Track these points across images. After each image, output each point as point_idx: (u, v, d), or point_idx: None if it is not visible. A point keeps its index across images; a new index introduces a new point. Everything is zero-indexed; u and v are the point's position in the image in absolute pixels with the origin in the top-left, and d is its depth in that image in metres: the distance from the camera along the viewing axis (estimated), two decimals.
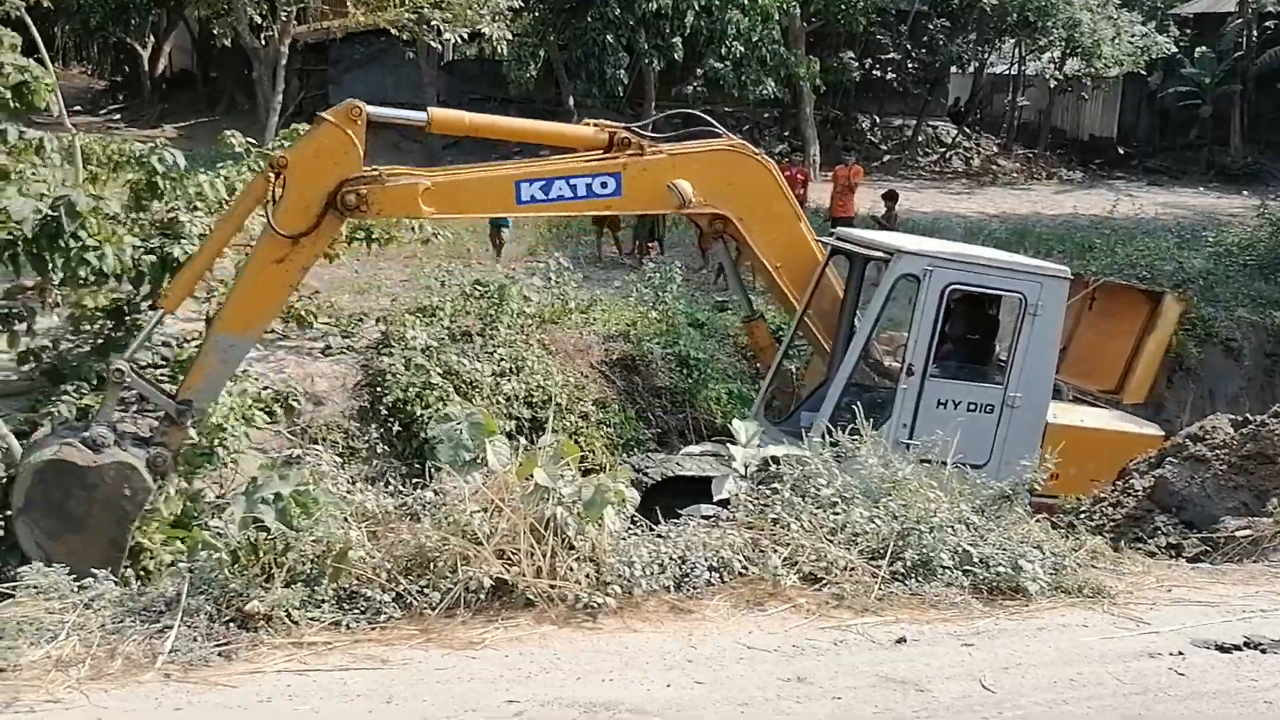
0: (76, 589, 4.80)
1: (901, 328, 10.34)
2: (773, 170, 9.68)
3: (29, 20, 12.55)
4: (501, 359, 12.94)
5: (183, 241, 9.13)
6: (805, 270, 10.12)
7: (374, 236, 12.78)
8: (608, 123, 9.45)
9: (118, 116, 32.32)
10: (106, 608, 4.63)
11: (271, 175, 8.08)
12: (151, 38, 33.60)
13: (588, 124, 9.49)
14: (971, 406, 8.93)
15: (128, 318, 9.59)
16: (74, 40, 37.76)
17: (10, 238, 8.61)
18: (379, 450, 11.92)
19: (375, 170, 8.32)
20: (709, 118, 10.45)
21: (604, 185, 9.01)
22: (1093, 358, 11.12)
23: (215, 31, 23.45)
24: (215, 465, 9.18)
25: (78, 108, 29.84)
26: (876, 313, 9.29)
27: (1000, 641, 4.87)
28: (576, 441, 11.43)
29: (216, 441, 9.08)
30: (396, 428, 12.04)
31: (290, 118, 24.48)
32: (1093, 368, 11.04)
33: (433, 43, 22.05)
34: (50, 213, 8.47)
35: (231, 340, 8.29)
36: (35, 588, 4.77)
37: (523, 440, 6.28)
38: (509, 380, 12.75)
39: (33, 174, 9.37)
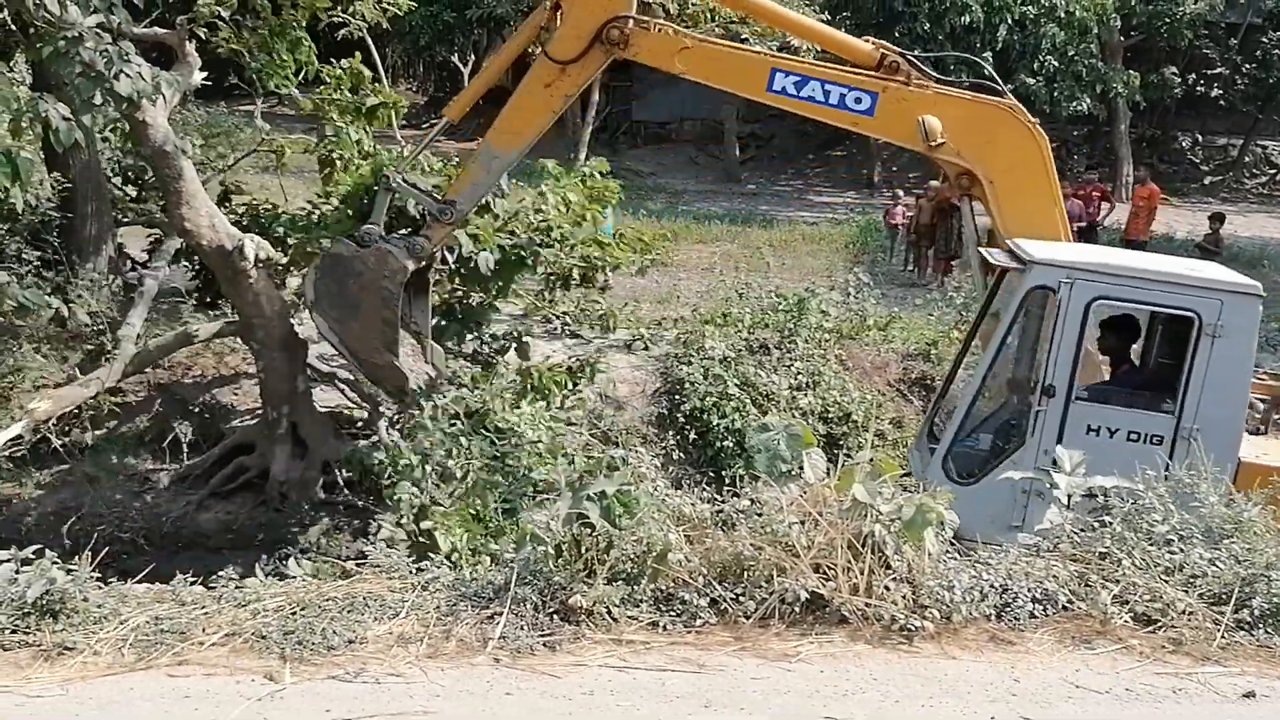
0: (414, 570, 5.08)
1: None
2: (1042, 144, 8.90)
3: (369, 41, 13.57)
4: (798, 372, 12.89)
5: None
6: None
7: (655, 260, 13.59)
8: (887, 45, 9.23)
9: None
10: (441, 590, 4.88)
11: (549, 6, 9.13)
12: (472, 56, 35.51)
13: (868, 40, 9.31)
14: (1134, 435, 7.85)
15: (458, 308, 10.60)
16: (403, 59, 40.35)
17: None
18: (674, 456, 12.11)
19: (647, 18, 9.11)
20: (994, 74, 9.93)
21: (858, 101, 8.89)
22: None
23: (530, 50, 24.52)
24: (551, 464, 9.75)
25: (403, 122, 31.95)
26: (1005, 330, 8.30)
27: None
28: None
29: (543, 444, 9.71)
30: (692, 435, 12.20)
31: (596, 132, 25.38)
32: None
33: None
34: None
35: (495, 153, 9.42)
36: (378, 566, 5.09)
37: None
38: (805, 394, 12.68)
39: None
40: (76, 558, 4.93)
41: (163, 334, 11.76)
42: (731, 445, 11.75)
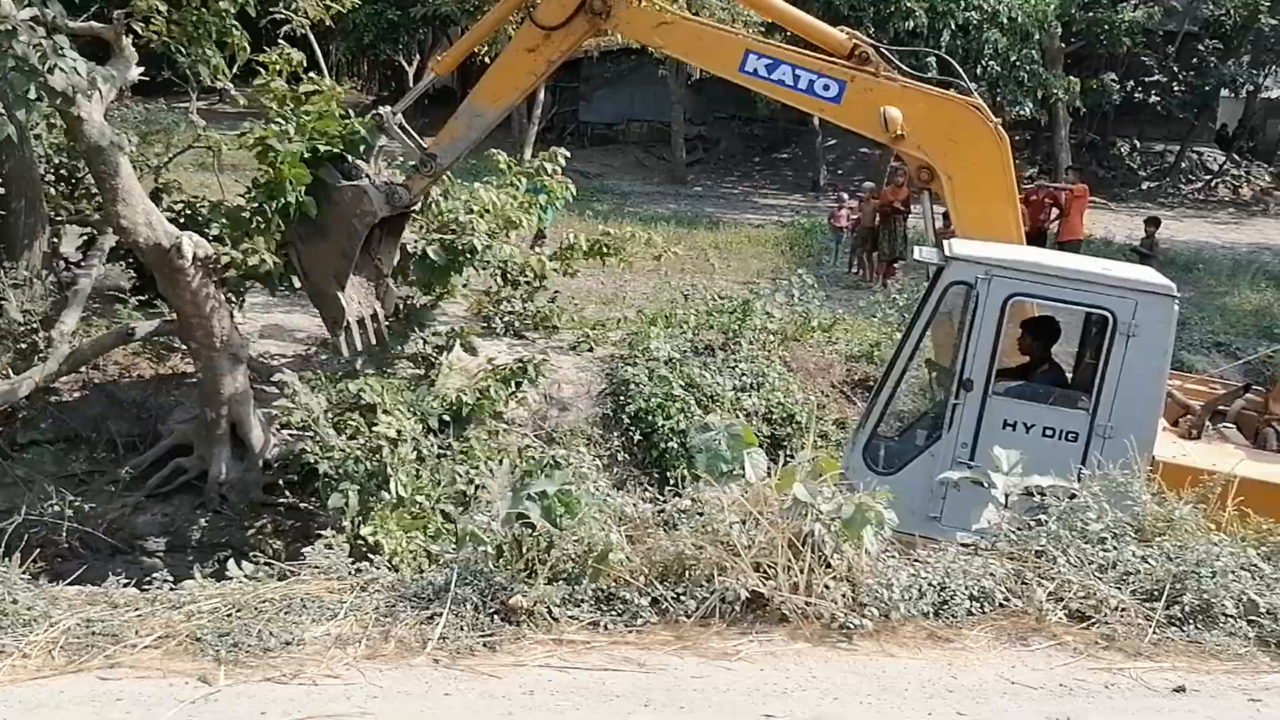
0: (353, 571, 5.04)
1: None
2: (1003, 145, 9.10)
3: (312, 38, 13.46)
4: (743, 374, 12.96)
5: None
6: None
7: (608, 252, 13.59)
8: (862, 36, 9.50)
9: None
10: (380, 591, 4.83)
11: None
12: (418, 55, 35.29)
13: (843, 30, 9.58)
14: (1048, 431, 7.99)
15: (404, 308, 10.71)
16: (347, 57, 39.98)
17: None
18: (619, 458, 12.11)
19: None
20: (963, 74, 10.29)
21: (826, 88, 9.22)
22: None
23: (477, 49, 24.43)
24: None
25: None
26: (923, 325, 8.43)
27: None
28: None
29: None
30: (637, 437, 12.20)
31: (543, 133, 25.33)
32: None
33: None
34: None
35: (479, 110, 9.94)
36: (316, 567, 5.03)
37: None
38: (749, 395, 12.74)
39: None
40: (7, 559, 4.84)
41: (98, 332, 11.57)
42: (676, 446, 11.77)
